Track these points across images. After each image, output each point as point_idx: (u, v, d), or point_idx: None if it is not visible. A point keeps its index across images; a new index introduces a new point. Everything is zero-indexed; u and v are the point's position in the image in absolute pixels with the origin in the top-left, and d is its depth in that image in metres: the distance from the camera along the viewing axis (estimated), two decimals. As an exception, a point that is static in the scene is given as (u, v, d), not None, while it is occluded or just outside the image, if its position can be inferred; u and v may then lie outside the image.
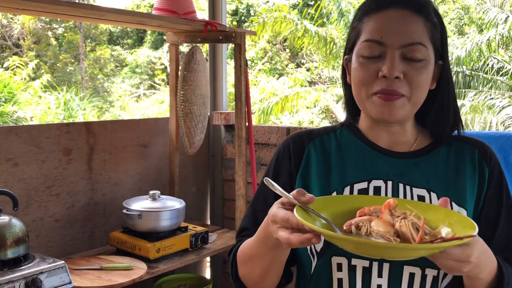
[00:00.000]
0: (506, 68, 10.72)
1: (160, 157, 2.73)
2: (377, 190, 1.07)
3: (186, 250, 2.36)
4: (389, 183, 1.07)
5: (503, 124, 8.84)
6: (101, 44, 17.03)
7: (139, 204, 2.30)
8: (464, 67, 10.56)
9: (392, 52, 1.02)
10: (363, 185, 1.08)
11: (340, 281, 1.03)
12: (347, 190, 1.08)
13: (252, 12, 16.37)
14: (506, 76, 10.64)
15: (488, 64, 10.77)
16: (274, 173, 1.16)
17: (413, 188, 1.06)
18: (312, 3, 15.90)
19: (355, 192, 1.07)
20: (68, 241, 2.34)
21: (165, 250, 2.26)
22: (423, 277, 1.01)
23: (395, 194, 1.06)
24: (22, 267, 1.76)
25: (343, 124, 1.20)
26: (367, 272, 1.02)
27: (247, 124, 2.60)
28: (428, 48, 1.04)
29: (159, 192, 2.36)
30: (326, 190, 1.09)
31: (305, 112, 13.22)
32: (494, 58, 10.71)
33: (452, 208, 1.01)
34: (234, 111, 2.59)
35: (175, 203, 2.35)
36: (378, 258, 0.98)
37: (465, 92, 10.18)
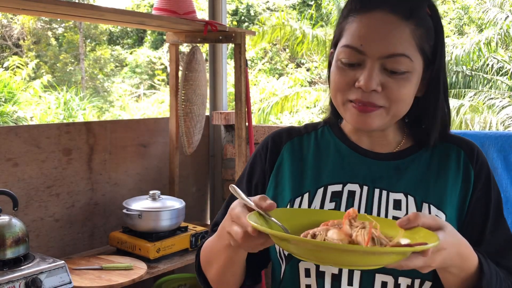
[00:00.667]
0: (506, 68, 10.72)
1: (160, 157, 2.73)
2: (351, 194, 1.02)
3: (186, 250, 2.36)
4: (365, 188, 1.03)
5: (503, 124, 8.84)
6: (101, 44, 17.03)
7: (139, 204, 2.30)
8: (464, 67, 10.56)
9: (371, 62, 0.94)
10: (338, 187, 1.03)
11: (308, 287, 0.99)
12: (320, 192, 1.03)
13: (252, 12, 16.37)
14: (506, 76, 10.64)
15: (488, 64, 10.77)
16: (250, 170, 1.14)
17: (390, 193, 1.02)
18: (312, 3, 15.90)
19: (328, 194, 1.03)
20: (68, 241, 2.34)
21: (165, 250, 2.26)
22: (396, 286, 0.96)
23: (370, 199, 1.01)
24: (22, 267, 1.76)
25: (326, 122, 1.15)
26: (336, 279, 0.97)
27: (247, 124, 2.60)
28: (412, 60, 0.95)
29: (159, 192, 2.37)
30: (299, 191, 1.05)
31: (305, 112, 13.23)
32: (494, 58, 10.71)
33: (430, 211, 0.99)
34: (234, 111, 2.59)
35: (175, 203, 2.35)
36: (327, 264, 0.94)
37: (465, 92, 10.18)
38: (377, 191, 1.02)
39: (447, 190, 1.02)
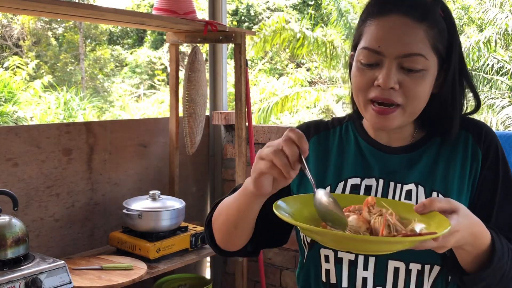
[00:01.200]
0: (506, 68, 10.72)
1: (160, 157, 2.73)
2: (368, 188, 1.10)
3: (186, 250, 2.36)
4: (381, 181, 1.10)
5: (503, 124, 8.84)
6: (101, 44, 17.03)
7: (139, 204, 2.30)
8: (464, 67, 10.54)
9: (389, 62, 1.01)
10: (356, 181, 1.11)
11: (327, 271, 1.08)
12: (340, 185, 1.11)
13: (252, 12, 16.36)
14: (506, 76, 10.64)
15: (488, 64, 10.77)
16: None
17: (403, 185, 1.09)
18: (312, 2, 15.90)
19: (348, 187, 1.11)
20: (68, 241, 2.34)
21: (165, 250, 2.26)
22: (408, 272, 1.03)
23: (385, 192, 1.09)
24: (22, 267, 1.77)
25: (350, 117, 1.22)
26: (352, 264, 1.06)
27: (247, 124, 2.60)
28: (428, 58, 1.02)
29: (159, 192, 2.37)
30: (321, 184, 1.12)
31: (305, 112, 13.22)
32: (494, 58, 10.71)
33: None
34: (234, 111, 2.59)
35: (175, 203, 2.35)
36: (344, 250, 1.04)
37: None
38: (391, 184, 1.09)
39: (455, 177, 1.08)
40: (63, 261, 1.85)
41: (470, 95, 1.15)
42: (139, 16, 2.32)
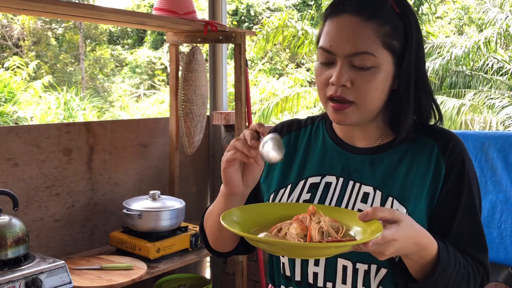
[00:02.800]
0: (506, 68, 10.72)
1: (160, 157, 2.73)
2: (327, 185, 1.14)
3: (186, 250, 2.36)
4: (341, 179, 1.13)
5: (503, 124, 8.84)
6: (101, 44, 17.03)
7: (139, 204, 2.30)
8: (464, 67, 10.56)
9: (340, 60, 1.05)
10: (317, 179, 1.15)
11: (283, 265, 1.15)
12: (300, 183, 1.15)
13: (252, 12, 16.37)
14: (506, 76, 10.64)
15: (488, 64, 10.77)
16: None
17: (362, 185, 1.11)
18: (312, 3, 15.91)
19: (307, 186, 1.15)
20: (68, 241, 2.34)
21: (165, 250, 2.26)
22: (355, 270, 1.07)
23: (343, 190, 1.12)
24: (22, 267, 1.77)
25: (323, 116, 1.25)
26: (305, 260, 1.12)
27: (247, 124, 2.60)
28: (377, 56, 1.04)
29: (159, 192, 2.37)
30: (283, 183, 1.18)
31: (305, 112, 13.23)
32: (494, 58, 10.71)
33: (392, 205, 1.07)
34: (234, 111, 2.59)
35: (175, 203, 2.35)
36: (284, 256, 1.12)
37: (465, 92, 10.18)
38: (351, 183, 1.12)
39: (414, 185, 1.09)
40: (63, 261, 1.85)
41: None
42: (139, 16, 2.32)
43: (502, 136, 1.96)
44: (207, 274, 3.13)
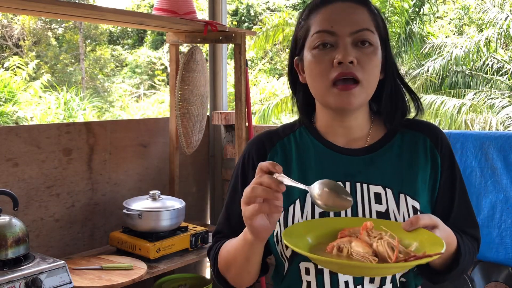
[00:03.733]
0: (506, 68, 10.72)
1: (160, 157, 2.74)
2: None
3: (186, 250, 2.36)
4: (347, 184, 1.12)
5: (503, 124, 8.84)
6: (101, 44, 17.03)
7: (139, 204, 2.30)
8: (464, 67, 10.56)
9: (343, 40, 1.07)
10: None
11: (309, 283, 1.10)
12: (308, 197, 1.10)
13: (252, 12, 16.37)
14: (506, 76, 10.64)
15: (488, 64, 10.77)
16: (242, 184, 1.18)
17: (370, 186, 1.11)
18: (312, 3, 15.88)
19: None
20: (68, 241, 2.34)
21: (165, 250, 2.26)
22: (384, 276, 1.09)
23: (353, 193, 1.11)
24: (22, 267, 1.77)
25: (301, 123, 1.23)
26: (333, 273, 1.08)
27: (247, 124, 2.60)
28: (375, 33, 1.10)
29: (159, 192, 2.37)
30: (290, 198, 1.12)
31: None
32: (494, 58, 10.71)
33: (407, 202, 1.09)
34: (234, 111, 2.59)
35: (175, 203, 2.35)
36: (359, 276, 1.07)
37: (465, 92, 10.18)
38: (358, 185, 1.12)
39: (418, 179, 1.13)
40: (63, 261, 1.85)
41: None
42: (139, 16, 2.31)
43: (502, 136, 1.96)
44: (207, 274, 3.13)
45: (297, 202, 1.12)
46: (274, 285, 1.21)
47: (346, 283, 1.08)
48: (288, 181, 0.94)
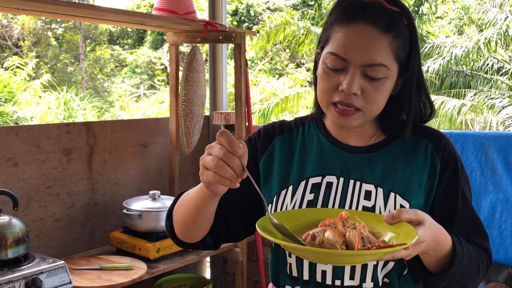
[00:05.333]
0: (506, 68, 10.72)
1: (160, 157, 2.73)
2: (329, 185, 1.15)
3: (186, 250, 2.36)
4: (341, 179, 1.15)
5: (503, 124, 8.84)
6: (101, 44, 17.03)
7: (139, 204, 2.30)
8: (464, 67, 10.56)
9: (353, 69, 1.06)
10: (317, 179, 1.16)
11: (290, 265, 1.15)
12: (302, 184, 1.16)
13: (252, 12, 16.37)
14: (506, 76, 10.64)
15: (488, 64, 10.77)
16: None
17: (363, 184, 1.14)
18: (312, 3, 15.91)
19: (309, 186, 1.16)
20: (68, 241, 2.34)
21: (165, 250, 2.26)
22: (364, 266, 1.10)
23: (345, 189, 1.14)
24: (22, 267, 1.77)
25: (312, 117, 1.27)
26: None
27: (247, 124, 2.60)
28: (390, 68, 1.07)
29: (159, 192, 2.37)
30: (285, 183, 1.18)
31: (305, 112, 13.22)
32: (494, 58, 10.71)
33: (395, 201, 1.11)
34: (234, 111, 2.59)
35: (175, 203, 2.35)
36: (325, 264, 1.10)
37: (465, 92, 10.18)
38: (351, 182, 1.15)
39: (413, 180, 1.14)
40: (63, 261, 1.85)
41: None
42: (139, 16, 2.31)
43: (502, 136, 1.96)
44: (207, 274, 3.13)
45: (290, 187, 1.17)
46: (269, 261, 1.26)
47: (324, 272, 1.10)
48: (252, 181, 0.96)
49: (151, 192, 2.36)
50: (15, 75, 12.70)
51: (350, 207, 1.12)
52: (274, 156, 1.22)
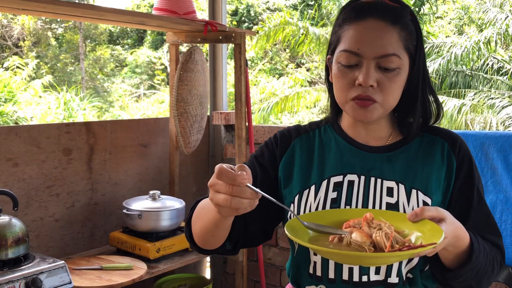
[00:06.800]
0: (506, 68, 10.72)
1: (160, 157, 2.73)
2: (350, 183, 1.18)
3: (186, 250, 2.36)
4: (362, 177, 1.18)
5: (503, 124, 8.84)
6: (101, 44, 17.03)
7: (139, 204, 2.30)
8: (464, 67, 10.56)
9: (367, 62, 1.11)
10: (339, 178, 1.19)
11: (315, 264, 1.16)
12: (324, 183, 1.19)
13: (252, 12, 16.36)
14: (506, 76, 10.64)
15: (488, 64, 10.77)
16: (260, 152, 1.28)
17: (384, 181, 1.17)
18: (312, 3, 15.91)
19: (331, 185, 1.19)
20: (68, 241, 2.34)
21: (165, 250, 2.26)
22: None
23: (367, 186, 1.17)
24: (22, 267, 1.77)
25: (327, 121, 1.30)
26: None
27: (247, 124, 2.60)
28: (401, 58, 1.12)
29: (159, 192, 2.37)
30: (306, 183, 1.21)
31: (305, 112, 13.22)
32: (494, 58, 10.71)
33: (418, 197, 1.14)
34: (234, 111, 2.59)
35: (175, 203, 2.35)
36: (356, 265, 1.11)
37: (465, 92, 10.18)
38: (372, 179, 1.18)
39: (432, 177, 1.17)
40: (63, 261, 1.85)
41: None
42: (139, 16, 2.31)
43: (502, 136, 1.96)
44: (207, 274, 3.13)
45: (313, 187, 1.19)
46: (288, 262, 1.27)
47: (351, 270, 1.12)
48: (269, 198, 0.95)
49: (151, 192, 2.36)
50: (15, 75, 12.71)
51: (374, 204, 1.14)
52: (294, 157, 1.25)
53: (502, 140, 1.95)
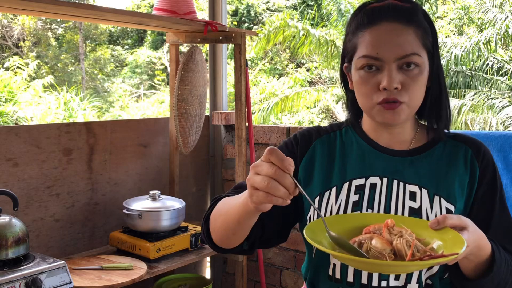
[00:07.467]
0: (506, 68, 10.72)
1: (160, 157, 2.74)
2: (372, 186, 1.16)
3: (186, 250, 2.36)
4: (384, 179, 1.16)
5: (503, 124, 8.85)
6: (101, 44, 17.03)
7: (139, 204, 2.30)
8: (464, 67, 10.55)
9: (388, 65, 1.10)
10: (361, 181, 1.17)
11: (334, 266, 1.15)
12: (345, 186, 1.17)
13: (252, 13, 16.36)
14: (506, 76, 10.64)
15: (488, 64, 10.77)
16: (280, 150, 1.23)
17: (406, 185, 1.15)
18: (312, 3, 15.90)
19: (353, 188, 1.17)
20: (68, 241, 2.34)
21: (165, 250, 2.26)
22: None
23: (389, 190, 1.15)
24: (22, 267, 1.77)
25: (348, 123, 1.29)
26: None
27: (247, 124, 2.60)
28: (421, 56, 1.11)
29: (159, 192, 2.37)
30: (327, 185, 1.19)
31: (305, 112, 13.23)
32: (494, 58, 10.71)
33: (440, 203, 1.13)
34: (234, 111, 2.59)
35: (175, 203, 2.35)
36: (375, 272, 1.10)
37: (465, 92, 10.18)
38: (395, 182, 1.16)
39: (456, 184, 1.15)
40: (63, 261, 1.85)
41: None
42: (139, 16, 2.31)
43: (502, 136, 1.96)
44: (207, 274, 3.13)
45: (334, 189, 1.18)
46: (304, 264, 1.26)
47: (370, 274, 1.11)
48: (305, 195, 0.94)
49: (151, 192, 2.36)
50: (15, 75, 12.71)
51: (396, 207, 1.13)
52: (315, 158, 1.23)
53: (502, 140, 1.95)
